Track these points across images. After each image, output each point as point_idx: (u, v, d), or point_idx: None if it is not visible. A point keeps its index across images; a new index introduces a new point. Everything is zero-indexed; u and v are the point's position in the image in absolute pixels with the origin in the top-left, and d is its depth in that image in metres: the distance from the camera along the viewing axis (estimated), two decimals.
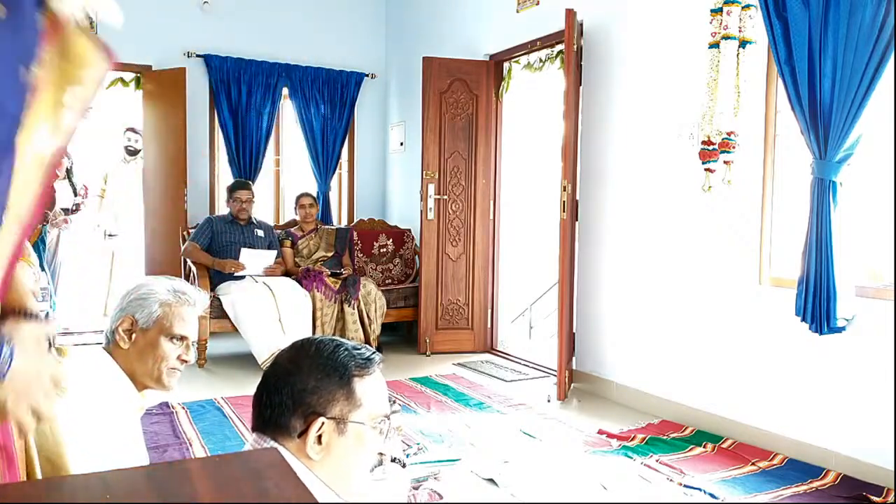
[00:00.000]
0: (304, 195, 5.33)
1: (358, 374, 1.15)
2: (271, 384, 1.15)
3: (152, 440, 3.10)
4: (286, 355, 1.18)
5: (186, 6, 5.62)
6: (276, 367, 1.17)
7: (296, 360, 1.15)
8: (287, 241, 5.15)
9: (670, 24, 3.61)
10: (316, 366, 1.14)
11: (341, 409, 1.12)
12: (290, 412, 1.12)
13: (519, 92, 5.21)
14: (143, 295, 1.59)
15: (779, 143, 3.21)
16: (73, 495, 0.64)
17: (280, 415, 1.12)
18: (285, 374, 1.14)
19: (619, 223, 3.97)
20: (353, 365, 1.15)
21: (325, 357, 1.15)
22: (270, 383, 1.15)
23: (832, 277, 2.77)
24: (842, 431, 2.88)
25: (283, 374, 1.15)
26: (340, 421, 1.12)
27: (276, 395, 1.13)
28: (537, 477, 2.79)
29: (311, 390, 1.12)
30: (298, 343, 1.20)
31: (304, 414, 1.12)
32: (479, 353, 5.12)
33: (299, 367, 1.14)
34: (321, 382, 1.13)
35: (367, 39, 6.36)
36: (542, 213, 6.01)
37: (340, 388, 1.13)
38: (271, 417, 1.13)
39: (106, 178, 6.00)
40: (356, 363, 1.15)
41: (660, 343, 3.71)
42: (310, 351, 1.16)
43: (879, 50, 2.59)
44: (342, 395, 1.13)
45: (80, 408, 1.43)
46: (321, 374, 1.13)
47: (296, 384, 1.13)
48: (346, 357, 1.15)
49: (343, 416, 1.12)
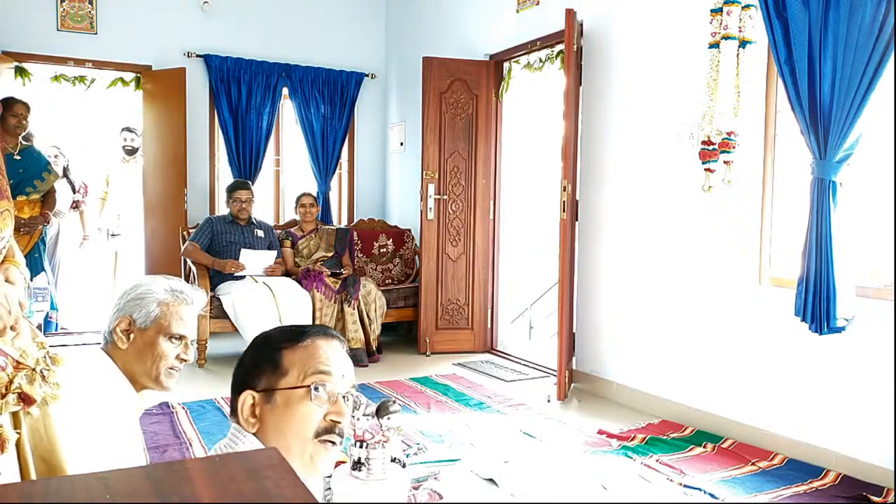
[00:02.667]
0: (304, 195, 5.33)
1: (287, 346, 1.20)
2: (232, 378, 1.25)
3: (152, 440, 3.10)
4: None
5: (186, 6, 5.62)
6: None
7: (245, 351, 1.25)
8: (287, 241, 5.15)
9: (670, 24, 3.61)
10: (252, 348, 1.24)
11: (268, 380, 1.19)
12: (234, 395, 1.21)
13: (519, 92, 5.21)
14: (140, 295, 1.59)
15: (779, 143, 3.21)
16: (73, 495, 0.63)
17: (233, 399, 1.22)
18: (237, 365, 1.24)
19: (619, 223, 3.97)
20: (283, 340, 1.21)
21: (260, 338, 1.24)
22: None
23: (832, 277, 2.77)
24: (842, 431, 2.88)
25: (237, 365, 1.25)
26: (268, 391, 1.18)
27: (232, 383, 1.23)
28: (537, 477, 2.79)
29: (245, 370, 1.22)
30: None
31: (239, 392, 1.20)
32: (479, 353, 5.12)
33: (244, 355, 1.24)
34: (252, 360, 1.22)
35: (367, 39, 6.36)
36: (542, 213, 6.01)
37: (268, 361, 1.19)
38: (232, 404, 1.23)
39: (108, 179, 6.00)
40: (286, 337, 1.21)
41: (660, 343, 3.71)
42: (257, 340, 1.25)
43: (879, 50, 2.59)
44: (269, 367, 1.19)
45: (78, 408, 1.43)
46: (253, 353, 1.23)
47: (237, 369, 1.23)
48: (276, 333, 1.24)
49: (270, 385, 1.18)
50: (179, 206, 5.42)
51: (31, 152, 4.15)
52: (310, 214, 5.26)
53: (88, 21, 5.27)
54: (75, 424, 1.40)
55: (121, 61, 5.43)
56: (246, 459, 0.74)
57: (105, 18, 5.32)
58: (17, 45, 5.08)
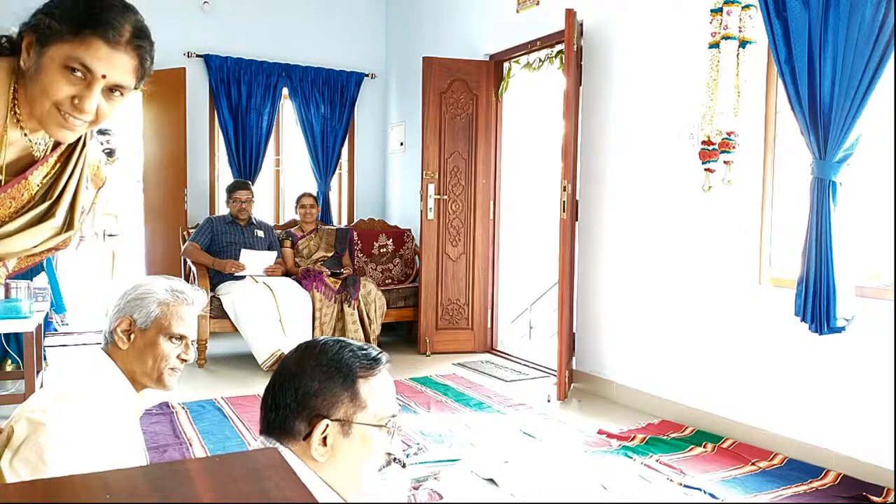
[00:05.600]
0: (305, 195, 5.33)
1: (363, 375, 1.14)
2: (277, 387, 1.15)
3: (152, 440, 3.10)
4: (292, 358, 1.18)
5: (186, 6, 5.62)
6: (282, 370, 1.17)
7: (301, 363, 1.15)
8: (287, 242, 5.16)
9: (670, 24, 3.61)
10: (320, 367, 1.13)
11: (346, 410, 1.12)
12: (294, 415, 1.12)
13: (519, 92, 5.21)
14: (141, 295, 1.58)
15: (779, 143, 3.21)
16: (73, 495, 0.63)
17: (285, 418, 1.12)
18: (290, 376, 1.14)
19: (619, 223, 3.97)
20: (358, 366, 1.14)
21: (329, 358, 1.14)
22: (276, 386, 1.15)
23: (832, 277, 2.77)
24: (842, 431, 2.88)
25: (289, 376, 1.14)
26: (345, 423, 1.12)
27: (282, 398, 1.13)
28: (537, 477, 2.79)
29: (314, 392, 1.12)
30: (304, 345, 1.19)
31: (309, 416, 1.11)
32: (479, 353, 5.12)
33: (303, 370, 1.13)
34: (325, 384, 1.12)
35: (367, 39, 6.36)
36: (542, 213, 6.01)
37: (345, 389, 1.12)
38: (276, 420, 1.13)
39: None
40: (361, 364, 1.14)
41: (660, 343, 3.71)
42: (314, 352, 1.15)
43: (879, 50, 2.59)
44: (346, 396, 1.12)
45: (78, 409, 1.43)
46: (325, 376, 1.12)
47: (300, 387, 1.12)
48: (350, 358, 1.14)
49: (348, 417, 1.12)
50: (179, 206, 5.41)
51: None
52: (310, 215, 5.26)
53: None
54: (77, 426, 1.40)
55: None
56: (246, 459, 0.74)
57: None
58: None
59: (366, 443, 1.13)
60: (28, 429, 1.36)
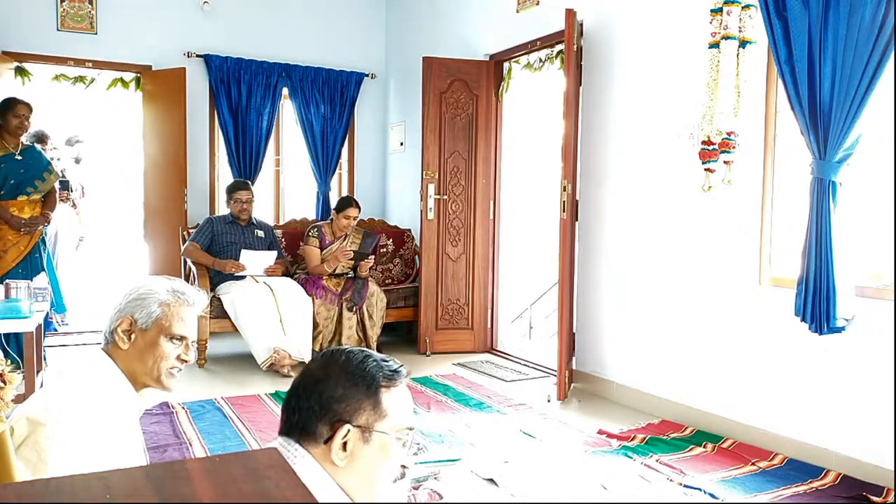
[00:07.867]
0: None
1: (385, 386, 1.17)
2: (300, 390, 1.18)
3: (152, 440, 3.10)
4: (317, 363, 1.21)
5: (186, 6, 5.62)
6: (306, 374, 1.20)
7: (325, 368, 1.18)
8: (314, 241, 4.89)
9: (670, 24, 3.61)
10: (345, 374, 1.16)
11: (367, 418, 1.15)
12: (317, 418, 1.14)
13: (519, 92, 5.21)
14: (141, 295, 1.58)
15: (779, 143, 3.21)
16: (73, 495, 0.64)
17: (307, 420, 1.15)
18: (315, 380, 1.17)
19: (619, 223, 3.97)
20: (381, 376, 1.17)
21: (354, 366, 1.17)
22: (300, 389, 1.18)
23: (832, 277, 2.77)
24: (842, 431, 2.88)
25: (313, 380, 1.17)
26: (366, 430, 1.15)
27: (305, 401, 1.16)
28: (537, 477, 2.79)
29: (338, 398, 1.15)
30: (329, 352, 1.23)
31: (331, 421, 1.14)
32: (479, 353, 5.12)
33: (328, 375, 1.17)
34: (349, 391, 1.15)
35: (367, 39, 6.36)
36: (542, 213, 6.02)
37: (367, 397, 1.15)
38: (298, 422, 1.16)
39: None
40: (384, 374, 1.18)
41: (660, 343, 3.71)
42: (339, 360, 1.19)
43: (879, 50, 2.59)
44: (369, 404, 1.15)
45: (78, 409, 1.43)
46: (349, 383, 1.16)
47: (324, 391, 1.15)
48: (374, 368, 1.18)
49: (369, 425, 1.15)
50: (179, 206, 5.41)
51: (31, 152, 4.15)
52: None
53: (88, 21, 5.27)
54: (76, 426, 1.40)
55: (121, 61, 5.43)
56: (246, 459, 0.74)
57: (105, 18, 5.32)
58: (17, 45, 5.08)
59: (383, 451, 1.16)
60: (28, 429, 1.36)
